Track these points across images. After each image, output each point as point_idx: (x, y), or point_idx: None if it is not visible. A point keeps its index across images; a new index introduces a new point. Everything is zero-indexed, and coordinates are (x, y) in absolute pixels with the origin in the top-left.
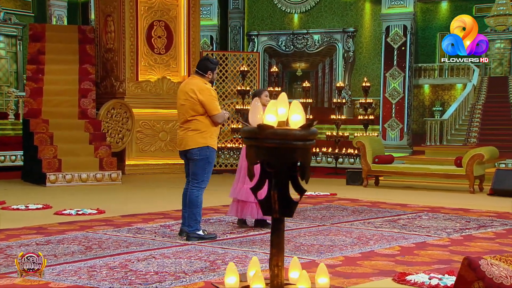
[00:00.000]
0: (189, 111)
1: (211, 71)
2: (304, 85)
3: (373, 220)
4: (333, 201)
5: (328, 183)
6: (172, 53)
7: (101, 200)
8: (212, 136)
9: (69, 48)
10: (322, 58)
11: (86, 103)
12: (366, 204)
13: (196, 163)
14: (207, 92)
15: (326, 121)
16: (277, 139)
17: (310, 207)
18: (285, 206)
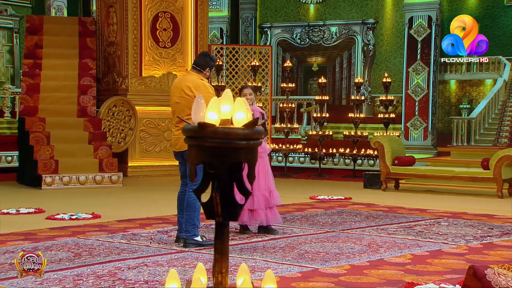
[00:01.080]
0: (185, 110)
1: (210, 68)
2: (320, 81)
3: (387, 226)
4: (347, 206)
5: (345, 187)
6: (179, 46)
7: (98, 204)
8: None
9: (69, 41)
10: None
11: (86, 100)
12: (382, 209)
13: None
14: (204, 89)
15: (343, 120)
16: (218, 138)
17: (321, 212)
18: (229, 209)
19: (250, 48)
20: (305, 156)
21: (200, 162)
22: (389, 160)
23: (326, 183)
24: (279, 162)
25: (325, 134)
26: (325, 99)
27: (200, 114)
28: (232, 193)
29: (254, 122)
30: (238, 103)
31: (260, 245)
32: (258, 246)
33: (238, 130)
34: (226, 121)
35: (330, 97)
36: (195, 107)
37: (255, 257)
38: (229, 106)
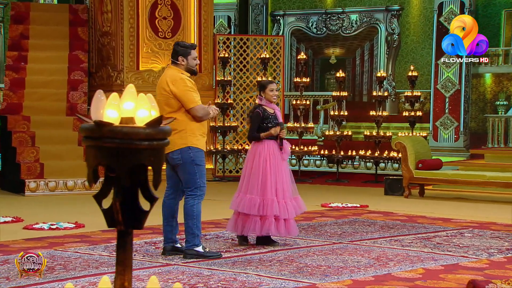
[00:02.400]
0: (164, 108)
1: (183, 56)
2: (338, 75)
3: (402, 237)
4: (362, 215)
5: (363, 193)
6: (180, 37)
7: (84, 212)
8: (194, 134)
9: (58, 31)
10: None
11: (76, 97)
12: (400, 218)
13: (182, 168)
14: (181, 82)
15: (364, 119)
16: (117, 138)
17: (332, 221)
18: (132, 217)
19: (259, 39)
20: (321, 159)
21: (98, 165)
22: (412, 163)
23: (343, 189)
24: (292, 165)
25: (343, 135)
26: (343, 95)
27: (100, 111)
28: (135, 198)
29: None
30: (141, 100)
31: (256, 258)
32: (254, 259)
33: (139, 129)
34: (129, 120)
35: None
36: (94, 103)
37: (248, 271)
38: (132, 103)
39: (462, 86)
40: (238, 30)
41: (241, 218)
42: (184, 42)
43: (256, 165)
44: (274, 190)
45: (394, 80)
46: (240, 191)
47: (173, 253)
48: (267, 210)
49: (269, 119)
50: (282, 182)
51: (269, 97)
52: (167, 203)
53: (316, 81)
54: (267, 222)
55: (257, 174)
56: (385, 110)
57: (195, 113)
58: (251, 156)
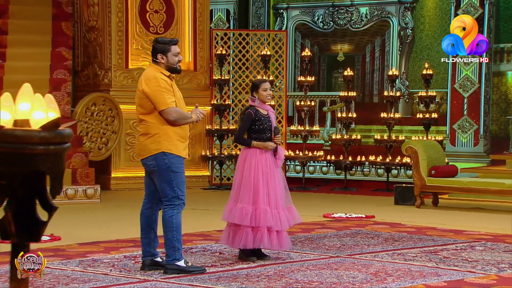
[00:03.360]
0: (138, 109)
1: (162, 53)
2: (346, 73)
3: (406, 250)
4: (366, 226)
5: (372, 202)
6: (173, 32)
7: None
8: (170, 139)
9: (40, 26)
10: (371, 37)
11: (59, 98)
12: (408, 230)
13: (157, 176)
14: (154, 82)
15: (375, 121)
16: (8, 142)
17: (332, 233)
18: (27, 228)
19: (260, 34)
20: (328, 165)
21: None
22: (424, 170)
23: (350, 198)
24: (297, 172)
25: (351, 139)
26: (352, 96)
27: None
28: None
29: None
30: (38, 100)
31: (243, 273)
32: (241, 274)
33: (34, 133)
34: (24, 122)
35: (359, 93)
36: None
37: (232, 287)
38: (28, 103)
39: (482, 85)
40: (238, 24)
41: (232, 229)
42: (163, 38)
43: (247, 171)
44: (266, 199)
45: (408, 79)
46: (231, 200)
47: (153, 267)
48: (259, 221)
49: (262, 120)
50: (275, 191)
51: (263, 98)
52: (144, 213)
53: (323, 80)
54: (259, 234)
55: (248, 181)
56: (398, 112)
57: (166, 116)
58: (241, 162)
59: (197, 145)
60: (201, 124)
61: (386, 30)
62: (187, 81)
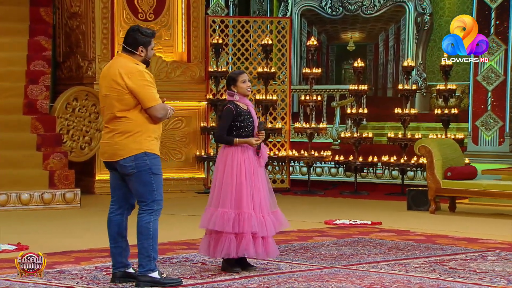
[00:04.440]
0: (115, 105)
1: (143, 46)
2: (356, 64)
3: (409, 261)
4: (370, 234)
5: (383, 207)
6: (165, 19)
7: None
8: (151, 138)
9: (16, 12)
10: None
11: (36, 92)
12: (416, 238)
13: (135, 178)
14: (139, 76)
15: (388, 117)
16: None
17: (331, 241)
18: None
19: (261, 21)
20: (337, 166)
21: None
22: (439, 171)
23: (359, 203)
24: (303, 174)
25: (362, 137)
26: (362, 90)
27: None
28: None
29: None
30: None
31: (224, 286)
32: (221, 286)
33: None
34: None
35: (371, 86)
36: None
37: None
38: None
39: (508, 77)
40: (237, 11)
41: (213, 237)
42: (145, 29)
43: (229, 172)
44: (251, 202)
45: (425, 70)
46: (211, 205)
47: (124, 280)
48: (244, 226)
49: (243, 116)
50: (259, 193)
51: (243, 91)
52: (113, 220)
53: (331, 72)
54: (244, 241)
55: (230, 183)
56: (414, 107)
57: (155, 113)
58: (221, 161)
59: (191, 145)
60: (195, 122)
61: (401, 16)
62: (179, 73)
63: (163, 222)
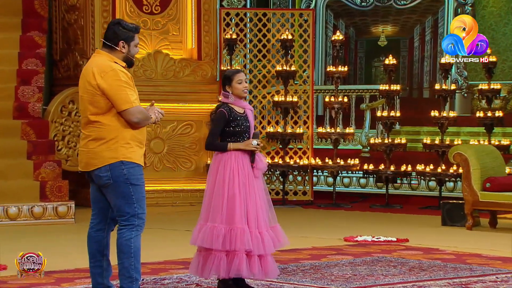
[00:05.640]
0: (89, 108)
1: (125, 41)
2: (387, 61)
3: (431, 282)
4: (394, 252)
5: (415, 223)
6: (172, 12)
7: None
8: (128, 144)
9: (7, 5)
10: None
11: (28, 94)
12: (445, 257)
13: (112, 190)
14: (112, 75)
15: (424, 121)
16: None
17: (347, 260)
18: None
19: (280, 14)
20: (366, 176)
21: None
22: (477, 182)
23: (389, 218)
24: (329, 185)
25: (394, 143)
26: (395, 90)
27: None
28: None
29: None
30: None
31: None
32: None
33: None
34: None
35: (405, 86)
36: None
37: None
38: None
39: None
40: (256, 3)
41: (203, 255)
42: (127, 23)
43: (221, 182)
44: (244, 217)
45: (466, 68)
46: (201, 219)
47: None
48: (235, 243)
49: (238, 121)
50: (255, 206)
51: (238, 92)
52: (93, 237)
53: (360, 70)
54: (236, 260)
55: (221, 194)
56: (453, 110)
57: (130, 117)
58: (213, 171)
59: (202, 152)
60: (205, 127)
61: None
62: (189, 72)
63: (164, 238)
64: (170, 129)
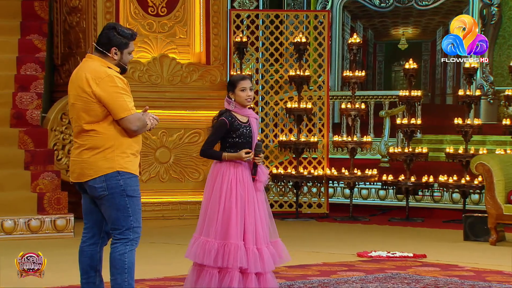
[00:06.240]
0: (82, 116)
1: (118, 48)
2: (407, 66)
3: None
4: (409, 268)
5: (436, 237)
6: (179, 14)
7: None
8: (125, 154)
9: (5, 6)
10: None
11: (26, 100)
12: (464, 274)
13: (107, 202)
14: (109, 81)
15: (447, 129)
16: None
17: (357, 277)
18: None
19: (294, 16)
20: (386, 188)
21: None
22: (501, 194)
23: (409, 232)
24: (346, 197)
25: (415, 152)
26: (415, 96)
27: None
28: None
29: None
30: None
31: None
32: None
33: None
34: None
35: (426, 92)
36: None
37: None
38: None
39: None
40: (269, 4)
41: (196, 270)
42: (123, 28)
43: (217, 194)
44: (241, 232)
45: (492, 72)
46: (196, 232)
47: None
48: (228, 260)
49: (240, 131)
50: (253, 221)
51: (241, 100)
52: (86, 252)
53: (379, 75)
54: (228, 277)
55: (216, 207)
56: (478, 117)
57: (128, 126)
58: (211, 181)
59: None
60: None
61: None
62: (197, 77)
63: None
64: (176, 137)
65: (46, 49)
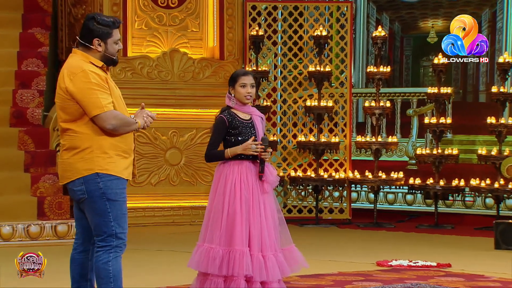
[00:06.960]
0: (60, 114)
1: (100, 38)
2: (436, 61)
3: None
4: (431, 278)
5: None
6: (191, 6)
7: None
8: (106, 154)
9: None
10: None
11: (27, 98)
12: (489, 285)
13: (87, 206)
14: (82, 77)
15: (480, 129)
16: None
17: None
18: None
19: (314, 7)
20: (413, 192)
21: None
22: None
23: (437, 240)
24: (370, 202)
25: (444, 154)
26: (445, 93)
27: None
28: None
29: None
30: None
31: None
32: None
33: None
34: None
35: (457, 89)
36: None
37: None
38: None
39: None
40: None
41: (200, 279)
42: (103, 17)
43: (220, 197)
44: (246, 237)
45: None
46: (200, 239)
47: None
48: (233, 268)
49: (240, 129)
50: (259, 226)
51: (240, 97)
52: (76, 260)
53: (407, 71)
54: (233, 285)
55: (220, 212)
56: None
57: (103, 124)
58: (214, 184)
59: None
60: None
61: None
62: (210, 73)
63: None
64: (188, 138)
65: (50, 44)
